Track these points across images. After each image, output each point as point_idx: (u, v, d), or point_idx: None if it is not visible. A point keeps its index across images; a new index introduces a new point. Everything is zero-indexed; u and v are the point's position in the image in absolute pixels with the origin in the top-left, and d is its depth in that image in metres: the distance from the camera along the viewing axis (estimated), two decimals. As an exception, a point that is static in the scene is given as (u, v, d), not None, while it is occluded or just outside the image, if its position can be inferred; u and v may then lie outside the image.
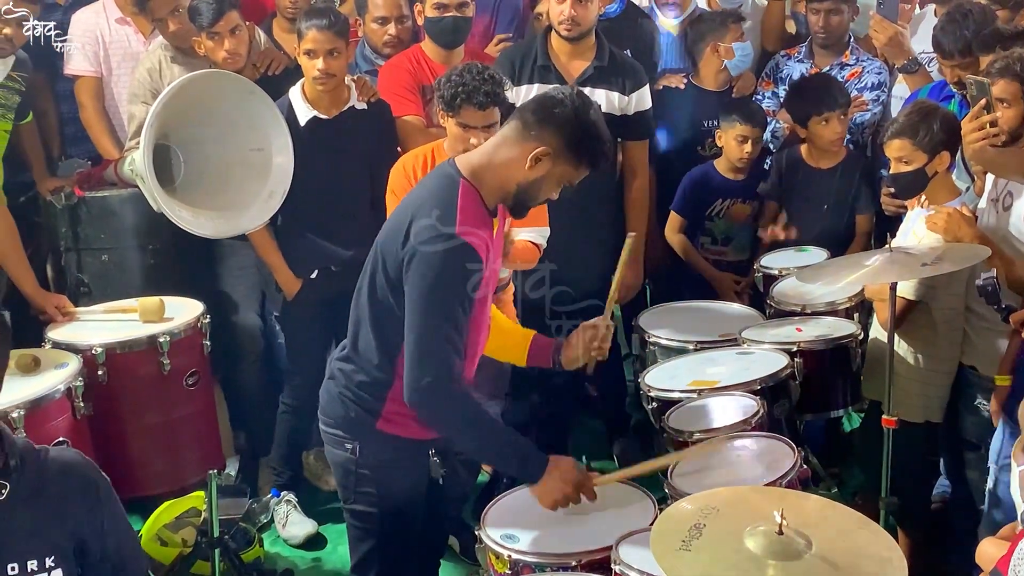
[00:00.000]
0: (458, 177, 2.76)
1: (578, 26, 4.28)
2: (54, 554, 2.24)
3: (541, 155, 2.74)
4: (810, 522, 2.25)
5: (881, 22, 4.57)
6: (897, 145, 3.61)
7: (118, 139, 4.73)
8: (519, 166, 2.76)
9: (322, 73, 4.05)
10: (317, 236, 4.25)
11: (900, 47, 4.57)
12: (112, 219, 4.30)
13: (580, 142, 2.76)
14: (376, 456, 2.92)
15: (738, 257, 4.91)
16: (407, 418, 2.86)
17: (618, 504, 2.92)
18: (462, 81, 3.64)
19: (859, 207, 4.70)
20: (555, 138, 2.74)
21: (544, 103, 2.79)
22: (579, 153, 2.77)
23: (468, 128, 3.65)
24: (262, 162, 4.16)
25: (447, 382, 2.70)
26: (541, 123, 2.75)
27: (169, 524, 4.02)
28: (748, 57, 5.00)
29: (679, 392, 3.48)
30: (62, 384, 3.40)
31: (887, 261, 3.30)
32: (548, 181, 2.79)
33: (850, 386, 3.74)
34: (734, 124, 4.74)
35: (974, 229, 3.40)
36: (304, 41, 4.05)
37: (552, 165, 2.76)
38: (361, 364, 2.89)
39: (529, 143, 2.74)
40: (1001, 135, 3.36)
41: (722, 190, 4.85)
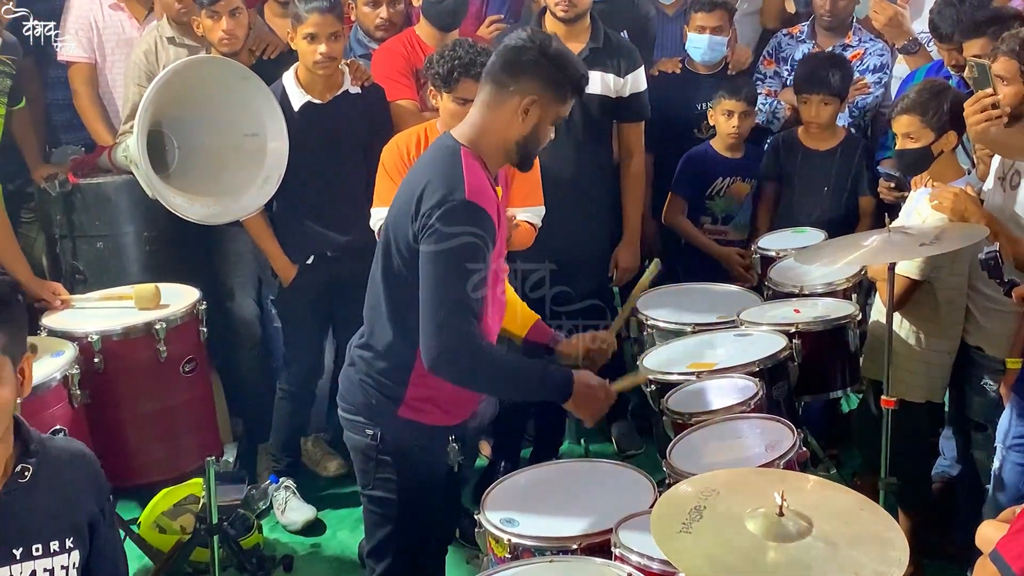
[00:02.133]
0: (458, 146, 2.76)
1: (574, 7, 4.26)
2: (72, 535, 2.31)
3: (529, 105, 2.74)
4: (810, 503, 2.23)
5: (880, 2, 4.55)
6: (905, 121, 3.60)
7: (112, 125, 4.71)
8: (511, 123, 2.76)
9: (324, 57, 4.03)
10: (313, 222, 4.24)
11: (900, 27, 4.55)
12: (107, 206, 4.29)
13: (559, 78, 2.76)
14: (397, 442, 2.90)
15: (739, 236, 4.90)
16: (429, 404, 2.86)
17: (618, 487, 2.92)
18: (456, 55, 3.64)
19: (861, 189, 4.68)
20: (535, 84, 2.74)
21: (509, 55, 2.78)
22: (561, 87, 2.78)
23: (467, 102, 3.63)
24: (256, 147, 4.15)
25: (465, 345, 2.68)
26: (515, 75, 2.74)
27: (167, 511, 4.03)
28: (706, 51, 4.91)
29: (678, 375, 3.47)
30: (58, 372, 3.39)
31: (885, 241, 3.29)
32: (543, 124, 2.80)
33: (849, 367, 3.72)
34: (720, 99, 4.74)
35: (980, 208, 3.39)
36: (305, 25, 4.02)
37: (542, 110, 2.76)
38: (381, 350, 2.87)
39: (513, 98, 2.74)
40: (1004, 118, 3.35)
41: (721, 168, 4.83)
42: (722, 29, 4.87)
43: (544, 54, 2.75)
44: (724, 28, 4.88)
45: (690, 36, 4.92)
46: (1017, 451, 3.31)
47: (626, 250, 4.58)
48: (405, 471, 2.91)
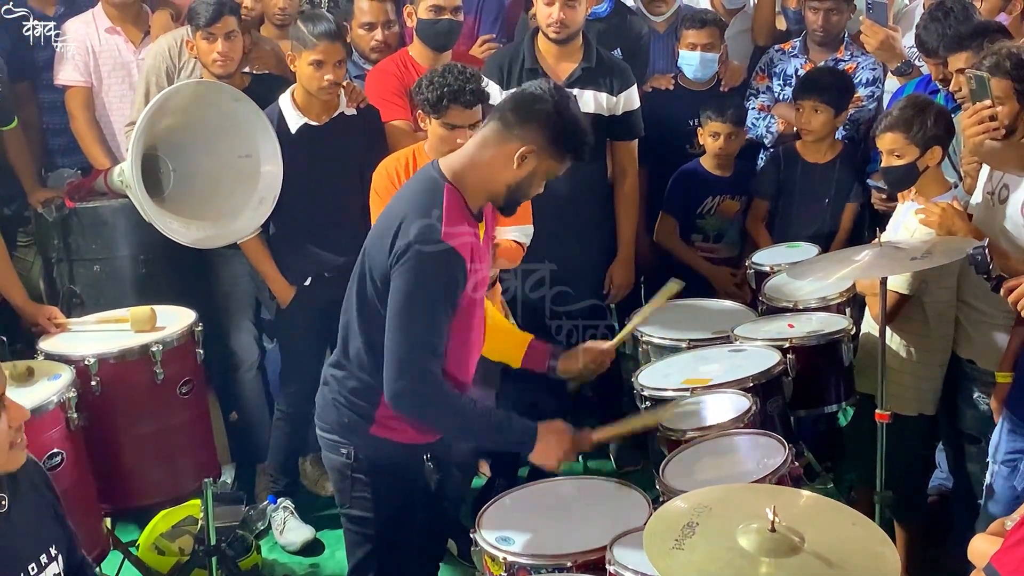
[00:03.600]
0: (442, 181, 2.76)
1: (566, 28, 4.28)
2: (55, 543, 2.33)
3: (527, 153, 2.74)
4: (803, 519, 2.24)
5: (872, 27, 4.56)
6: (890, 139, 3.62)
7: (109, 149, 4.74)
8: (505, 166, 2.76)
9: (331, 83, 4.06)
10: (309, 243, 4.25)
11: (892, 51, 4.57)
12: (103, 229, 4.29)
13: (564, 137, 2.77)
14: (371, 460, 2.92)
15: (730, 253, 4.92)
16: (399, 422, 2.87)
17: (613, 504, 2.93)
18: (446, 82, 3.65)
19: (849, 197, 4.71)
20: (539, 135, 2.74)
21: (523, 100, 2.78)
22: (563, 147, 2.78)
23: (455, 128, 3.67)
24: (251, 169, 4.17)
25: (425, 385, 2.71)
26: (523, 121, 2.74)
27: (166, 533, 4.03)
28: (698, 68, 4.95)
29: (672, 391, 3.47)
30: (55, 395, 3.38)
31: (877, 256, 3.31)
32: (535, 177, 2.80)
33: (843, 381, 3.72)
34: (707, 121, 4.77)
35: (967, 223, 3.41)
36: (312, 52, 4.03)
37: (538, 162, 2.76)
38: (352, 370, 2.90)
39: (513, 142, 2.74)
40: (1001, 130, 3.36)
41: (711, 187, 4.86)
42: (713, 46, 4.91)
43: (558, 110, 2.75)
44: (715, 45, 4.92)
45: (681, 53, 4.96)
46: (1008, 466, 3.32)
47: (621, 267, 4.60)
48: (380, 489, 2.93)
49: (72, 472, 3.42)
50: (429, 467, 3.00)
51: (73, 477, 3.42)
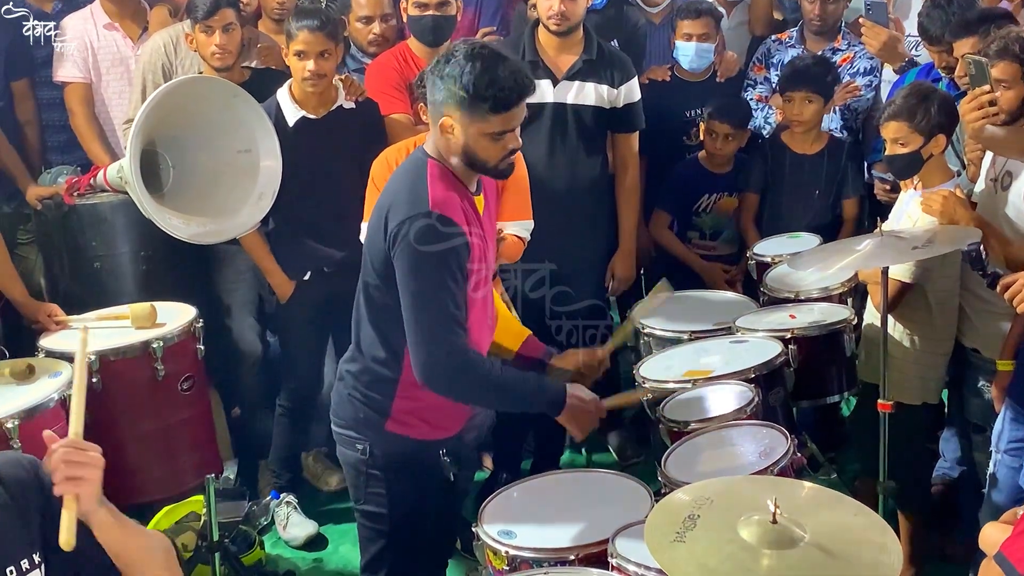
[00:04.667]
0: (425, 157, 2.76)
1: (567, 20, 4.26)
2: (38, 548, 2.26)
3: (445, 126, 2.70)
4: (804, 510, 2.23)
5: (873, 28, 4.52)
6: (894, 127, 3.61)
7: (108, 145, 4.73)
8: (447, 139, 2.72)
9: (312, 74, 4.05)
10: (309, 238, 4.25)
11: (894, 51, 4.54)
12: (103, 226, 4.28)
13: (473, 95, 2.63)
14: (386, 457, 2.92)
15: (728, 250, 4.92)
16: (417, 418, 2.88)
17: (616, 497, 2.92)
18: None
19: (846, 191, 4.71)
20: (448, 102, 2.67)
21: (432, 71, 2.74)
22: (478, 105, 2.64)
23: None
24: (250, 164, 4.16)
25: (452, 358, 2.69)
26: (433, 92, 2.71)
27: (169, 529, 4.01)
28: (693, 58, 4.94)
29: (674, 382, 3.47)
30: (56, 393, 3.38)
31: (878, 245, 3.30)
32: (476, 141, 2.69)
33: (845, 372, 3.72)
34: (710, 121, 4.77)
35: (970, 211, 3.41)
36: (295, 42, 4.05)
37: (463, 126, 2.68)
38: (366, 363, 2.89)
39: (437, 117, 2.72)
40: (1000, 114, 3.35)
41: (708, 185, 4.86)
42: (709, 36, 4.89)
43: (460, 71, 2.63)
44: (711, 35, 4.90)
45: (677, 44, 4.94)
46: (1011, 454, 3.32)
47: (622, 260, 4.59)
48: (395, 485, 2.93)
49: (74, 469, 3.41)
50: (446, 461, 2.98)
51: (75, 475, 3.42)
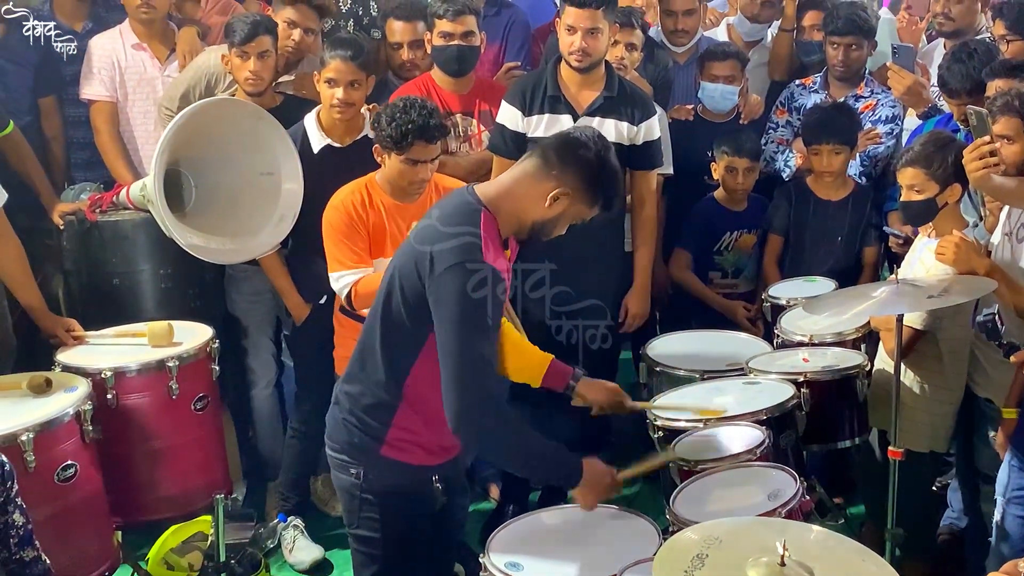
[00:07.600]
0: (479, 206, 2.78)
1: (588, 57, 4.29)
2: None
3: (560, 195, 2.78)
4: (812, 553, 2.24)
5: (899, 72, 4.56)
6: (910, 173, 3.63)
7: (132, 164, 4.78)
8: (537, 203, 2.80)
9: (340, 103, 4.11)
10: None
11: (919, 96, 4.56)
12: (124, 243, 4.32)
13: (599, 186, 2.83)
14: (380, 482, 2.93)
15: (749, 288, 4.94)
16: (411, 444, 2.89)
17: (624, 534, 2.92)
18: (410, 119, 3.69)
19: (867, 240, 4.72)
20: (575, 180, 2.79)
21: (568, 144, 2.83)
22: (596, 196, 2.84)
23: (418, 163, 3.73)
24: (272, 187, 4.21)
25: (487, 407, 2.71)
26: (563, 163, 2.79)
27: (175, 548, 4.01)
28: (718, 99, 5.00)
29: (685, 421, 3.47)
30: (71, 407, 3.41)
31: (894, 293, 3.31)
32: (563, 219, 2.85)
33: (857, 417, 3.71)
34: (723, 155, 4.81)
35: (984, 259, 3.41)
36: (326, 69, 4.12)
37: (569, 204, 2.81)
38: (368, 386, 2.90)
39: (549, 182, 2.79)
40: (1001, 166, 3.37)
41: (728, 222, 4.89)
42: (734, 78, 4.96)
43: (599, 160, 2.81)
44: (736, 77, 4.97)
45: (703, 85, 5.00)
46: (1016, 503, 3.31)
47: (636, 297, 4.58)
48: (389, 510, 2.94)
49: (85, 484, 3.45)
50: (437, 488, 3.01)
51: (86, 489, 3.45)
